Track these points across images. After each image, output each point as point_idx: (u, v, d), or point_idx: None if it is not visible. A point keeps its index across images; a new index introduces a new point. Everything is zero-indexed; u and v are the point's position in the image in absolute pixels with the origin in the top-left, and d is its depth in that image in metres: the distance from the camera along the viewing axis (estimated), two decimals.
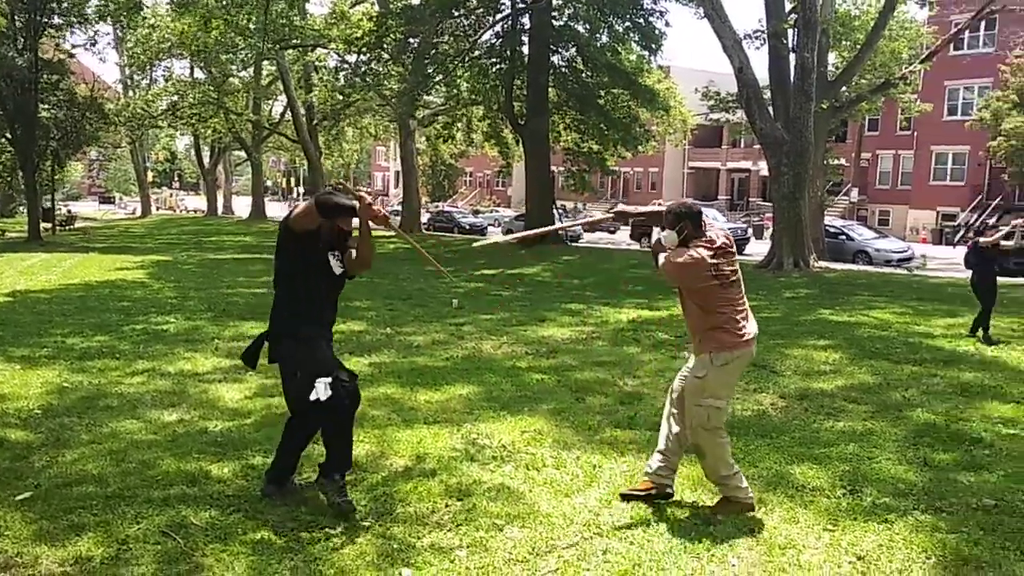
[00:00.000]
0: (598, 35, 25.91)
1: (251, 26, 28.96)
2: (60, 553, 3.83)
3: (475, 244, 6.96)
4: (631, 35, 24.62)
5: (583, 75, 26.19)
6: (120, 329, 10.46)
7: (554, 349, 9.32)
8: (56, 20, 26.10)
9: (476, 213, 52.82)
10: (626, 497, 4.55)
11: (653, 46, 24.70)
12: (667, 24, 45.70)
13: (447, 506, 4.51)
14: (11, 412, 6.29)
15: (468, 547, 3.98)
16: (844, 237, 26.04)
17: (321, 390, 4.15)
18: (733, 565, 3.80)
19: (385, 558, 3.84)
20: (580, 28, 25.63)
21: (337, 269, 4.43)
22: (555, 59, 26.27)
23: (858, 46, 23.85)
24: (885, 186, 43.30)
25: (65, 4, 25.21)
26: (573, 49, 25.97)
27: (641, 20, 24.11)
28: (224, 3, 23.51)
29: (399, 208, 36.46)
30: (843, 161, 43.31)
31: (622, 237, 36.45)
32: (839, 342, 9.74)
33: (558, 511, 4.43)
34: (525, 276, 18.69)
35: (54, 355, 8.62)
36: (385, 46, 25.42)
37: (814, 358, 8.71)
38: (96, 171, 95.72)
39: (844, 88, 24.57)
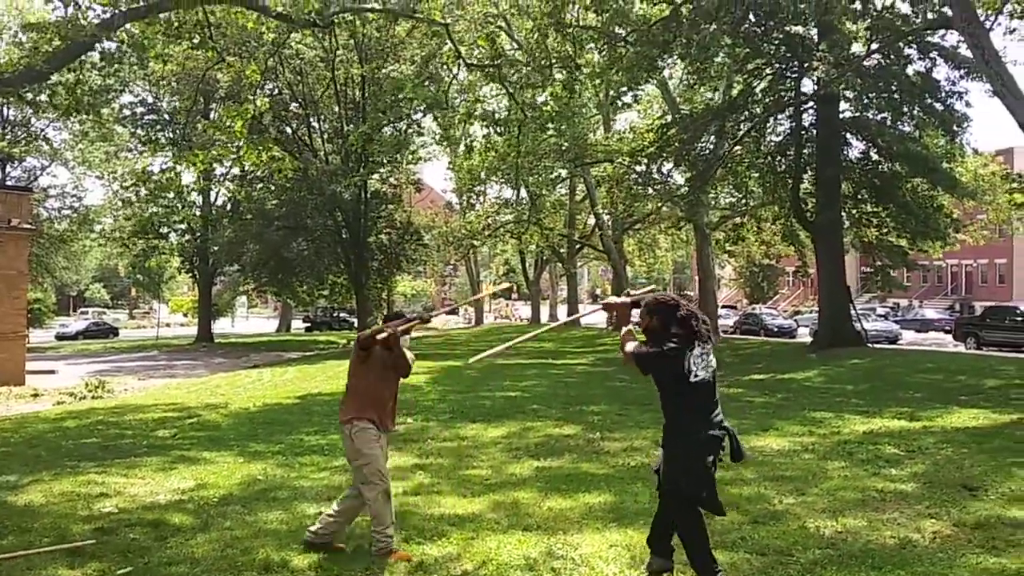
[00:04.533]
0: (898, 124, 24.27)
1: (559, 146, 31.24)
2: None
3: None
4: (930, 121, 22.69)
5: (879, 166, 24.53)
6: None
7: (743, 461, 8.69)
8: (382, 160, 30.16)
9: (796, 314, 50.56)
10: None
11: (956, 128, 22.55)
12: (968, 105, 41.05)
13: None
14: (195, 499, 7.29)
15: None
16: None
17: None
18: None
19: None
20: (872, 117, 24.15)
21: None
22: (847, 151, 24.94)
23: None
24: None
25: (380, 150, 29.04)
26: (866, 140, 24.51)
27: (939, 105, 22.16)
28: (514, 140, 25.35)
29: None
30: None
31: (950, 338, 32.74)
32: None
33: None
34: (795, 381, 17.58)
35: (280, 451, 9.78)
36: (665, 154, 25.88)
37: None
38: (447, 285, 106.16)
39: None
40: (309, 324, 59.68)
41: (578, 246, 48.84)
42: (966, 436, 9.75)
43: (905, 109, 22.97)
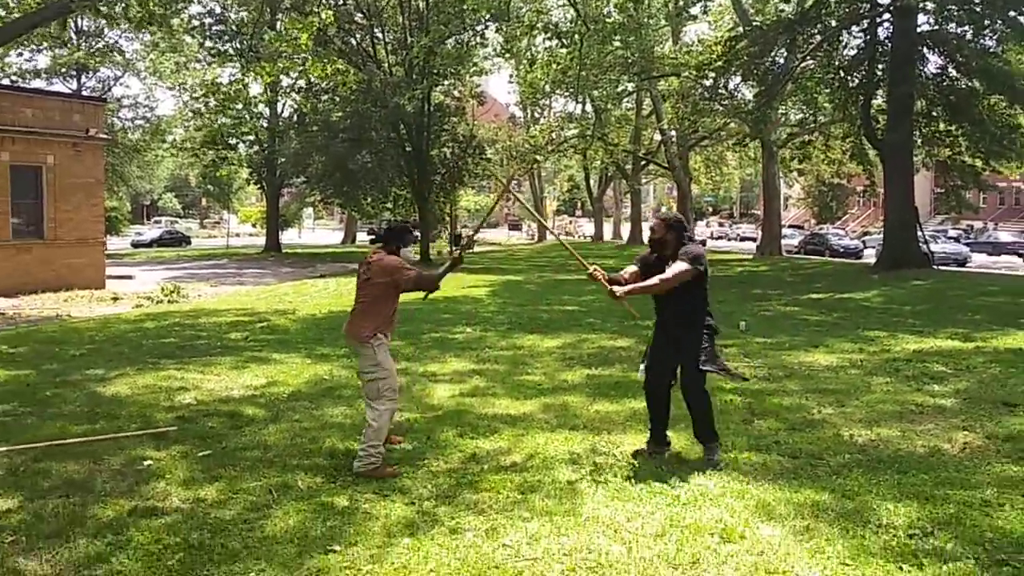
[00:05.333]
0: (979, 38, 23.29)
1: (625, 59, 30.77)
2: (188, 493, 4.97)
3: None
4: (1013, 34, 21.70)
5: (956, 82, 23.67)
6: (419, 336, 12.04)
7: (790, 374, 8.95)
8: (444, 72, 30.08)
9: (865, 234, 49.60)
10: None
11: None
12: None
13: (506, 497, 4.90)
14: (267, 394, 7.85)
15: (484, 532, 4.36)
16: None
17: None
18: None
19: (405, 527, 4.40)
20: (951, 31, 23.21)
21: None
22: (922, 67, 24.08)
23: None
24: None
25: (442, 63, 28.88)
26: (944, 55, 23.61)
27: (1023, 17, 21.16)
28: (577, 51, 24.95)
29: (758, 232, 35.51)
30: None
31: (1022, 262, 31.94)
32: None
33: (597, 514, 4.59)
34: (853, 301, 17.53)
35: (345, 354, 10.25)
36: (733, 68, 25.33)
37: None
38: (511, 201, 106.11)
39: None
40: (373, 236, 60.65)
41: (643, 162, 48.37)
42: (1017, 356, 9.77)
43: (987, 22, 22.02)
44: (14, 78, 40.09)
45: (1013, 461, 5.50)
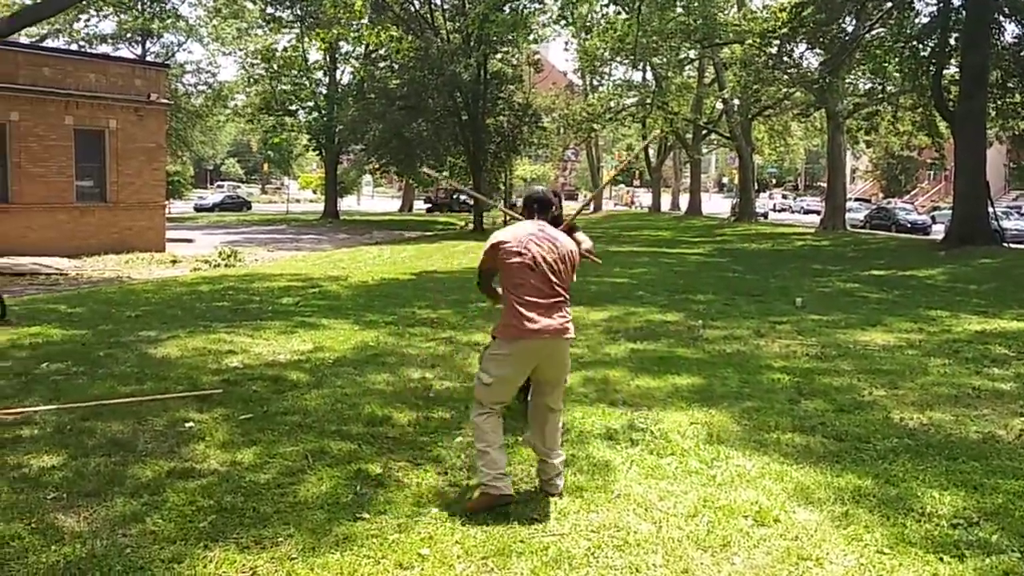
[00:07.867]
0: None
1: (687, 25, 30.16)
2: (226, 456, 5.03)
3: None
4: None
5: None
6: (466, 305, 12.02)
7: (843, 353, 8.70)
8: (501, 39, 29.77)
9: (935, 209, 48.11)
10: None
11: None
12: None
13: None
14: (312, 359, 7.92)
15: (514, 505, 4.31)
16: None
17: None
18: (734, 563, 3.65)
19: (435, 497, 4.40)
20: None
21: None
22: (998, 35, 23.12)
23: None
24: None
25: (496, 31, 28.53)
26: (1021, 24, 22.62)
27: None
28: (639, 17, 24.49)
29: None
30: None
31: None
32: None
33: (629, 492, 4.52)
34: (916, 278, 17.03)
35: (392, 322, 10.36)
36: (799, 36, 24.64)
37: None
38: (567, 170, 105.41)
39: None
40: (430, 205, 60.92)
41: (704, 132, 47.50)
42: None
43: None
44: (81, 43, 40.96)
45: None
